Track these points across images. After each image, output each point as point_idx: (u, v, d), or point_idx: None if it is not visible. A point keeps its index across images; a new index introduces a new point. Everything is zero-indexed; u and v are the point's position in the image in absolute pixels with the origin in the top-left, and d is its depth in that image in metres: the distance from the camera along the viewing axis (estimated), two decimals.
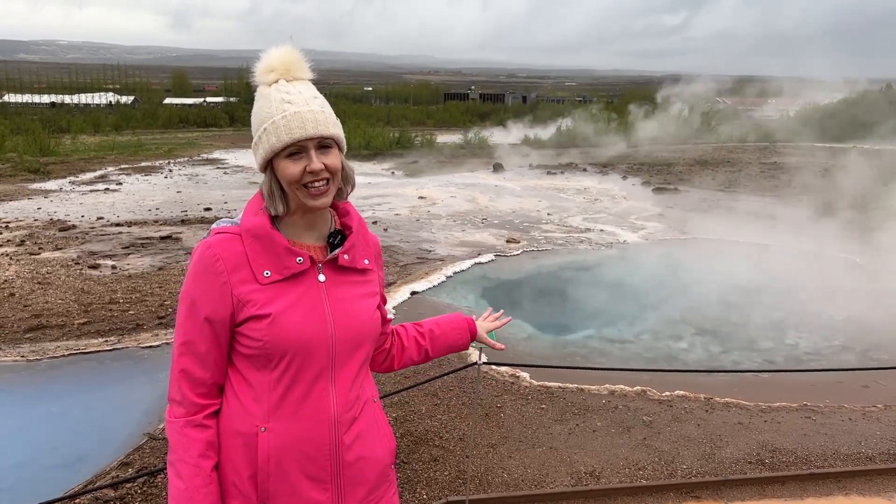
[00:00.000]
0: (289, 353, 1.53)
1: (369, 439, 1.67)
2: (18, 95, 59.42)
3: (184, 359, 1.55)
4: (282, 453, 1.54)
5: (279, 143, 1.51)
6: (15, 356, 6.01)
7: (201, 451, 1.53)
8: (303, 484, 1.56)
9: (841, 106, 37.59)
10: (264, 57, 1.58)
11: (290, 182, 1.54)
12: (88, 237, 11.14)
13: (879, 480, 4.13)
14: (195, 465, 1.52)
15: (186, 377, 1.55)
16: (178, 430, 1.54)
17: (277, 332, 1.52)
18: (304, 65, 1.60)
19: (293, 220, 1.61)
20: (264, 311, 1.52)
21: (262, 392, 1.55)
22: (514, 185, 18.94)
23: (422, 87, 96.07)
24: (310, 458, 1.56)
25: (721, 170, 21.73)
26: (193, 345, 1.54)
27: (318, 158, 1.53)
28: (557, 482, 4.03)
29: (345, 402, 1.61)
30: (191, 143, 32.45)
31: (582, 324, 7.58)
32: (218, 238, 1.56)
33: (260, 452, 1.53)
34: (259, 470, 1.53)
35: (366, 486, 1.66)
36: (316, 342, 1.55)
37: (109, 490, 3.89)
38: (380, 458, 1.70)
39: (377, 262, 1.77)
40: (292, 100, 1.53)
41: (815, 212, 13.56)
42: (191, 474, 1.52)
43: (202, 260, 1.54)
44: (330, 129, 1.55)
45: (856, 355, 6.58)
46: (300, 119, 1.51)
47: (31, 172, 19.57)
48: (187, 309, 1.55)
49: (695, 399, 5.28)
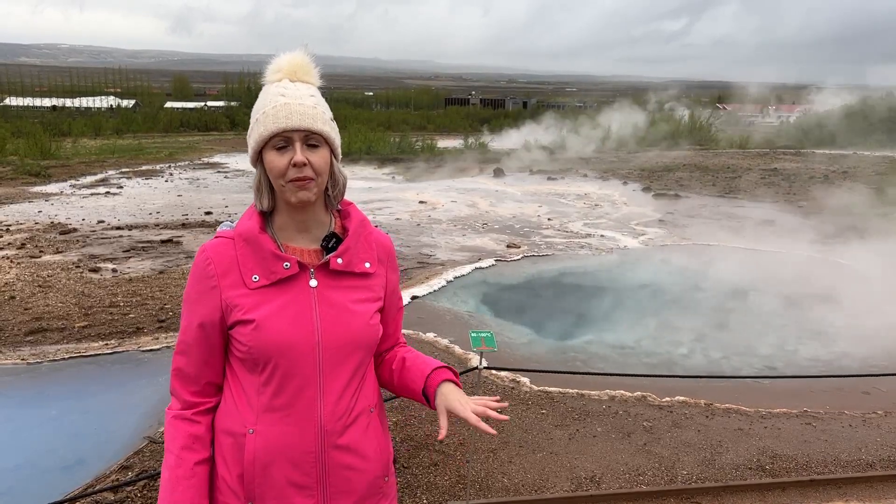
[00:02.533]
0: (272, 359, 1.53)
1: (360, 450, 1.63)
2: (20, 98, 59.43)
3: (178, 357, 1.62)
4: (267, 456, 1.54)
5: (266, 132, 1.52)
6: (15, 359, 6.00)
7: (185, 444, 1.56)
8: (287, 489, 1.56)
9: (842, 112, 37.70)
10: (275, 59, 1.61)
11: (275, 174, 1.54)
12: (89, 240, 11.15)
13: (880, 487, 4.13)
14: (178, 455, 1.56)
15: (179, 375, 1.61)
16: (168, 421, 1.61)
17: (261, 337, 1.52)
18: (312, 70, 1.61)
19: (284, 222, 1.61)
20: (249, 316, 1.53)
21: (253, 395, 1.56)
22: (514, 190, 18.95)
23: (422, 92, 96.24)
24: (294, 464, 1.56)
25: (721, 175, 21.75)
26: (187, 345, 1.60)
27: (302, 152, 1.52)
28: (557, 487, 4.03)
29: (333, 411, 1.58)
30: (192, 147, 32.47)
31: (582, 329, 7.57)
32: (214, 242, 1.60)
33: (246, 454, 1.54)
34: (245, 470, 1.55)
35: (353, 497, 1.62)
36: (300, 349, 1.53)
37: (109, 493, 3.89)
38: (370, 469, 1.65)
39: (388, 265, 1.72)
40: (287, 94, 1.55)
41: (815, 218, 13.57)
42: (174, 464, 1.56)
43: (197, 264, 1.59)
44: (318, 125, 1.54)
45: (856, 361, 6.58)
46: (288, 110, 1.52)
47: (31, 175, 19.57)
48: (185, 310, 1.61)
49: (695, 405, 5.28)
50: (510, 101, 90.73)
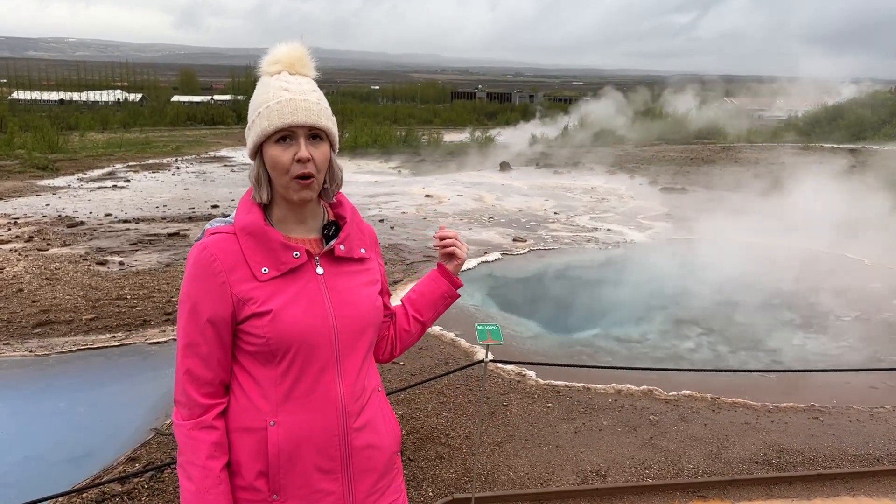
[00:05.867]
0: (293, 348, 1.54)
1: (376, 428, 1.69)
2: (27, 93, 59.54)
3: (188, 360, 1.55)
4: (292, 446, 1.55)
5: (270, 127, 1.52)
6: (23, 351, 6.04)
7: (209, 453, 1.53)
8: (314, 475, 1.58)
9: (850, 106, 37.42)
10: (272, 50, 1.62)
11: (278, 170, 1.54)
12: (96, 234, 11.19)
13: (887, 481, 4.11)
14: (203, 466, 1.53)
15: (191, 378, 1.55)
16: (185, 433, 1.55)
17: (279, 327, 1.53)
18: (310, 62, 1.63)
19: (283, 216, 1.62)
20: (265, 307, 1.53)
21: (269, 387, 1.56)
22: (520, 184, 18.90)
23: (429, 86, 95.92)
24: (319, 450, 1.58)
25: (729, 170, 21.64)
26: (196, 346, 1.55)
27: (306, 148, 1.54)
28: (563, 481, 4.03)
29: (352, 392, 1.63)
30: (198, 141, 32.51)
31: (588, 323, 7.56)
32: (213, 238, 1.56)
33: (270, 447, 1.54)
34: (270, 464, 1.54)
35: (374, 475, 1.68)
36: (318, 334, 1.57)
37: (116, 485, 3.91)
38: (387, 445, 1.72)
39: (374, 251, 1.79)
40: (290, 88, 1.56)
41: (823, 212, 13.49)
42: (200, 476, 1.52)
43: (199, 262, 1.54)
44: (322, 121, 1.56)
45: (864, 356, 6.55)
46: (293, 105, 1.53)
47: (39, 169, 19.65)
48: (188, 312, 1.55)
49: (701, 399, 5.27)
50: (517, 94, 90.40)
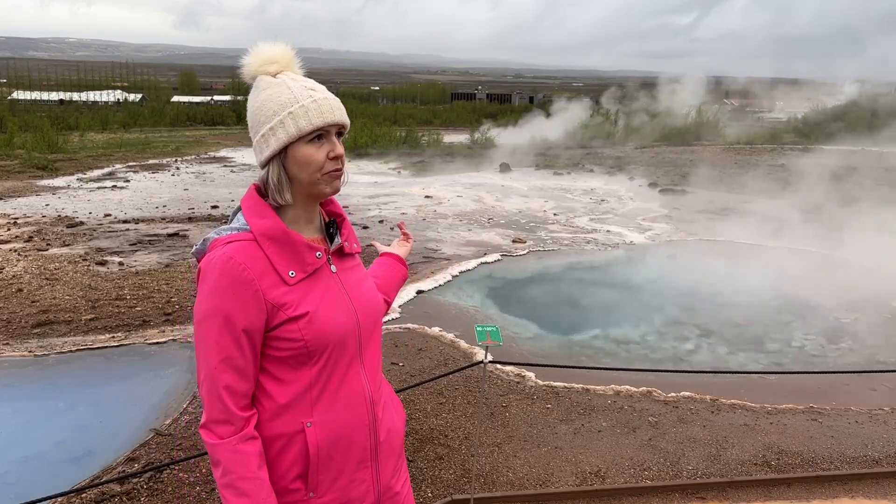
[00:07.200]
0: (329, 347, 1.57)
1: (391, 412, 1.78)
2: (27, 92, 59.56)
3: (225, 376, 1.49)
4: (330, 443, 1.58)
5: (309, 126, 1.53)
6: (23, 351, 6.04)
7: (258, 463, 1.52)
8: (348, 468, 1.62)
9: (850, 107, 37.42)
10: (260, 51, 1.60)
11: (313, 168, 1.55)
12: (96, 234, 11.19)
13: (886, 483, 4.11)
14: (256, 477, 1.50)
15: (230, 393, 1.50)
16: (231, 449, 1.49)
17: (316, 328, 1.55)
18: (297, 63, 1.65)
19: (296, 215, 1.62)
20: (300, 311, 1.54)
21: (302, 389, 1.56)
22: (520, 186, 18.90)
23: (429, 87, 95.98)
24: (354, 441, 1.63)
25: (728, 171, 21.65)
26: (233, 360, 1.50)
27: (339, 145, 1.59)
28: (562, 482, 4.03)
29: (374, 381, 1.70)
30: (198, 141, 32.52)
31: (588, 324, 7.56)
32: (235, 247, 1.51)
33: (311, 447, 1.55)
34: (311, 463, 1.55)
35: (394, 457, 1.78)
36: (348, 330, 1.62)
37: (115, 485, 3.91)
38: (400, 427, 1.81)
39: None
40: (315, 87, 1.59)
41: (823, 214, 13.50)
42: (255, 489, 1.49)
43: (227, 272, 1.48)
44: (347, 119, 1.61)
45: (863, 357, 6.55)
46: (329, 105, 1.56)
47: (39, 169, 19.65)
48: (221, 325, 1.48)
49: (700, 400, 5.27)
50: (517, 95, 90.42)
